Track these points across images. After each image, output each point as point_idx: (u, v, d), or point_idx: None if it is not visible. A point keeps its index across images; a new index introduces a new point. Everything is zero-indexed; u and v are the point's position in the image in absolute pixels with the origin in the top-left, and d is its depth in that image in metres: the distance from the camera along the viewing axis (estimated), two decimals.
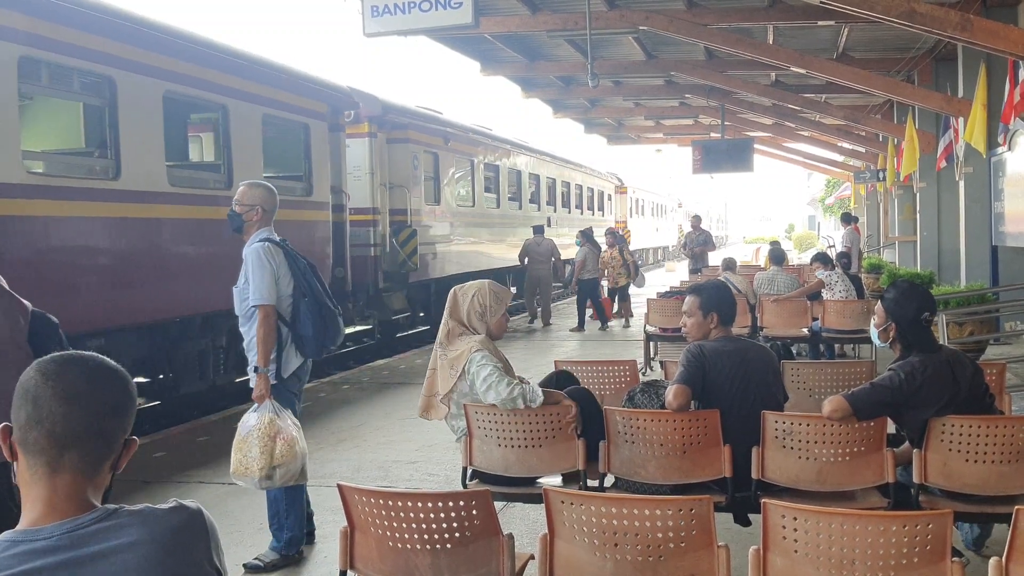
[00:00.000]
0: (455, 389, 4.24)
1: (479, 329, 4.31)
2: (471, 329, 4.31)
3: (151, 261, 7.70)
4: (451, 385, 4.24)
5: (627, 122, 23.96)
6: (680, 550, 2.81)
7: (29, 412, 1.47)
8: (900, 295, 3.99)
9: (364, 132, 12.33)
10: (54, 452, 1.47)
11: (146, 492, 5.86)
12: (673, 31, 11.23)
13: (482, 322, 4.31)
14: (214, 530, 1.61)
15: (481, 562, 2.95)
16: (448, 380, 4.25)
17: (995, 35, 7.99)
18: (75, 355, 1.55)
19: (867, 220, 26.68)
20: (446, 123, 15.20)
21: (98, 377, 1.53)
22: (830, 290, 10.03)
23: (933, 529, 2.62)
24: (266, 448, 4.29)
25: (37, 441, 1.47)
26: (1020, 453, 3.69)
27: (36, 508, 1.47)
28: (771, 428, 3.88)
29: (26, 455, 1.48)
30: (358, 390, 9.58)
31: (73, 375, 1.50)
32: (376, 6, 8.29)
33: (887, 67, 14.40)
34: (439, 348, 4.35)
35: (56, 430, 1.46)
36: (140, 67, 7.53)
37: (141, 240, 7.65)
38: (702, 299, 4.21)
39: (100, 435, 1.51)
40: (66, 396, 1.48)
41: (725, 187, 78.28)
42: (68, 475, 1.48)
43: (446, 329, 4.35)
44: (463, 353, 4.21)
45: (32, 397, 1.48)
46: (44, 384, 1.48)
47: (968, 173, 11.67)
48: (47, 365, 1.51)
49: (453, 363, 4.24)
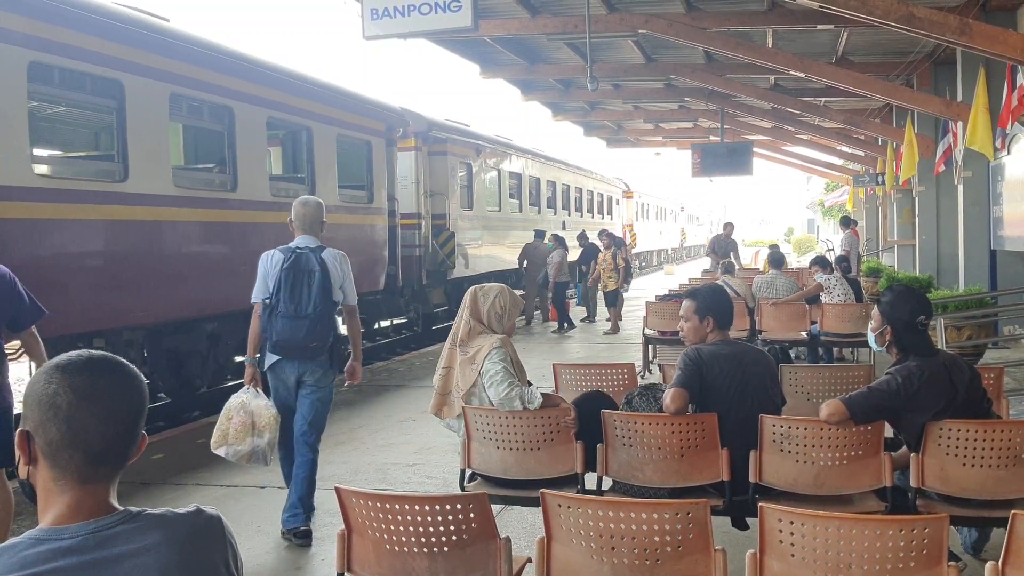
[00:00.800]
0: (477, 384, 4.28)
1: (497, 329, 4.39)
2: (489, 329, 4.38)
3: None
4: (472, 380, 4.28)
5: (626, 125, 23.98)
6: (677, 554, 2.81)
7: (63, 432, 1.45)
8: (895, 298, 4.01)
9: (411, 146, 13.96)
10: (89, 469, 1.48)
11: (145, 494, 5.86)
12: (672, 34, 11.25)
13: (500, 323, 4.40)
14: (232, 537, 1.63)
15: (478, 565, 2.95)
16: (469, 376, 4.29)
17: (994, 39, 8.00)
18: (101, 363, 1.52)
19: (866, 224, 26.71)
20: (478, 136, 16.84)
21: (128, 387, 1.52)
22: (829, 294, 10.03)
23: (930, 533, 2.62)
24: (221, 424, 4.87)
25: (72, 459, 1.47)
26: (1017, 457, 3.69)
27: (59, 508, 1.47)
28: (769, 432, 3.88)
29: (54, 468, 1.47)
30: (356, 392, 9.57)
31: (106, 390, 1.49)
32: (376, 9, 8.30)
33: (886, 71, 14.43)
34: (457, 347, 4.39)
35: (92, 448, 1.47)
36: (252, 99, 9.20)
37: (254, 239, 9.05)
38: (698, 303, 4.22)
39: (131, 443, 1.53)
40: (105, 415, 1.47)
41: (724, 190, 78.42)
42: (99, 484, 1.49)
43: (467, 328, 4.38)
44: (482, 349, 4.27)
45: (66, 416, 1.45)
46: (79, 403, 1.46)
47: (967, 177, 11.69)
48: (77, 379, 1.48)
49: (474, 359, 4.29)
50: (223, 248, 8.85)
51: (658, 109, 21.04)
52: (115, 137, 7.61)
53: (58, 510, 1.47)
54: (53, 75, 7.03)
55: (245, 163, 9.00)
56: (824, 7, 8.50)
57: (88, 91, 7.57)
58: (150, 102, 7.76)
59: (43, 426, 1.46)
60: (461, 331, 4.39)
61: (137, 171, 7.59)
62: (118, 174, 7.53)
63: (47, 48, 6.68)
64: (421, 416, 8.16)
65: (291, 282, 4.88)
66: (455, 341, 4.40)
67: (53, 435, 1.46)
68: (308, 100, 10.28)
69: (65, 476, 1.47)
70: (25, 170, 6.61)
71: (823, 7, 8.53)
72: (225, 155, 8.95)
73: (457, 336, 4.41)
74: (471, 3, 8.00)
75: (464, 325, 4.39)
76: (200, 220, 8.49)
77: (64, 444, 1.46)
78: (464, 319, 4.41)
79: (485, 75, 15.42)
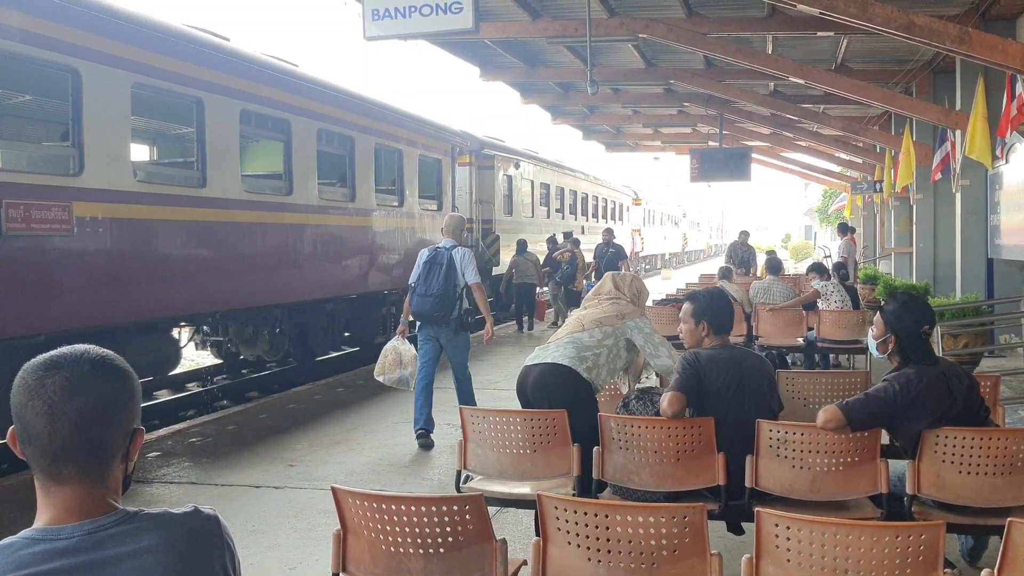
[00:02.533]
0: (617, 325, 4.69)
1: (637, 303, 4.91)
2: (631, 303, 4.87)
3: (366, 250, 11.78)
4: (611, 315, 4.73)
5: (625, 129, 24.00)
6: (673, 557, 2.80)
7: (20, 430, 1.46)
8: (900, 307, 3.99)
9: (467, 162, 16.46)
10: (51, 467, 1.45)
11: (138, 493, 5.85)
12: (673, 39, 11.26)
13: (637, 299, 4.95)
14: (230, 538, 1.61)
15: (474, 567, 2.94)
16: (609, 311, 4.77)
17: (993, 48, 8.01)
18: (57, 361, 1.47)
19: (864, 231, 26.73)
20: (517, 152, 19.65)
21: (80, 385, 1.45)
22: (826, 300, 10.04)
23: (925, 540, 2.62)
24: (380, 360, 7.39)
25: (33, 457, 1.46)
26: (1013, 465, 3.69)
27: (54, 508, 1.46)
28: (765, 437, 3.88)
29: (30, 464, 1.48)
30: (353, 393, 9.56)
31: (51, 388, 1.44)
32: (376, 10, 8.28)
33: (885, 79, 14.44)
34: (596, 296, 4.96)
35: (45, 447, 1.44)
36: (364, 129, 11.52)
37: (371, 238, 11.86)
38: (695, 307, 4.23)
39: (91, 444, 1.46)
40: (47, 414, 1.43)
41: (722, 196, 78.53)
42: (74, 485, 1.46)
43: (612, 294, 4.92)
44: (632, 312, 4.77)
45: (18, 415, 1.45)
46: (27, 402, 1.44)
47: (965, 186, 11.69)
48: (28, 377, 1.46)
49: (621, 312, 4.76)
50: (339, 246, 11.05)
51: (657, 114, 21.05)
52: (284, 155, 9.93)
53: (52, 510, 1.46)
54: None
55: (361, 179, 11.47)
56: (824, 14, 8.50)
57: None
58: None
59: (14, 424, 1.48)
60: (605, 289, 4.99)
61: (298, 188, 9.94)
62: (281, 188, 9.85)
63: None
64: None
65: (426, 270, 6.97)
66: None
67: (18, 432, 1.47)
68: (399, 128, 12.61)
69: (40, 474, 1.47)
70: (236, 186, 8.98)
71: (823, 14, 8.54)
72: (346, 171, 11.40)
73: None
74: (472, 5, 7.99)
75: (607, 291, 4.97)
76: (332, 224, 10.86)
77: (24, 440, 1.46)
78: (606, 289, 4.96)
79: (485, 77, 15.42)
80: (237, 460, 6.75)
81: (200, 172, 8.36)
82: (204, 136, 8.34)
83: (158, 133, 10.95)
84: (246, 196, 9.08)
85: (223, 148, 8.60)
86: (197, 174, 8.38)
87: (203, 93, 8.29)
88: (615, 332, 4.67)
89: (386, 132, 12.13)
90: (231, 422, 8.18)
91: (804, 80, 12.65)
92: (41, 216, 6.47)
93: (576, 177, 25.25)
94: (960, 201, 11.89)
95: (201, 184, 8.36)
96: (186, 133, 9.20)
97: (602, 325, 4.69)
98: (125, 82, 7.33)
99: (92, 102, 6.95)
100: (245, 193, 9.08)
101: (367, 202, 11.64)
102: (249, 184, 9.38)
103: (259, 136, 10.21)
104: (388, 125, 12.20)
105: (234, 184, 8.86)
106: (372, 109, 11.83)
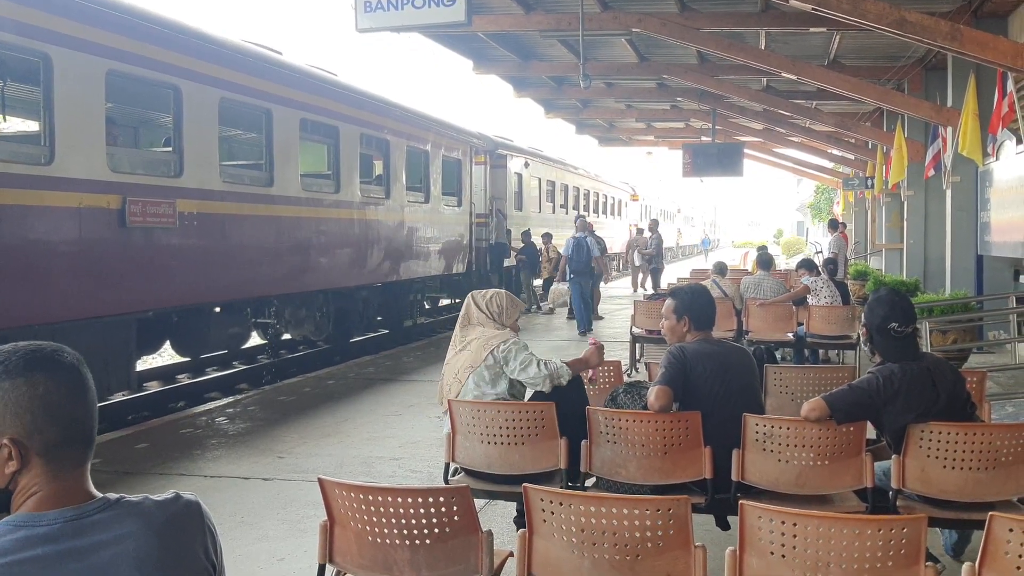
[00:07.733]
0: (487, 361, 4.54)
1: (504, 322, 4.74)
2: (492, 320, 4.72)
3: (397, 243, 13.05)
4: (482, 357, 4.54)
5: (618, 124, 24.00)
6: (657, 549, 2.82)
7: (29, 420, 1.45)
8: (872, 302, 4.06)
9: (482, 162, 17.52)
10: (86, 455, 1.51)
11: (127, 483, 5.84)
12: (666, 34, 11.26)
13: (502, 317, 4.76)
14: (211, 523, 1.62)
15: (460, 558, 2.95)
16: (480, 353, 4.59)
17: (984, 46, 8.03)
18: (57, 357, 1.51)
19: (855, 227, 26.80)
20: (526, 151, 20.87)
21: (85, 379, 1.54)
22: (815, 296, 10.08)
23: (908, 533, 2.64)
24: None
25: (72, 455, 1.49)
26: (997, 461, 3.72)
27: (38, 497, 1.46)
28: (752, 431, 3.89)
29: (48, 463, 1.47)
30: (343, 385, 9.56)
31: (75, 376, 1.51)
32: (369, 1, 8.28)
33: (878, 75, 14.47)
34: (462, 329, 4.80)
35: (66, 435, 1.48)
36: (397, 133, 12.82)
37: (402, 232, 13.18)
38: (676, 303, 4.25)
39: (93, 432, 1.56)
40: (78, 403, 1.50)
41: (714, 191, 78.67)
42: (83, 470, 1.51)
43: (469, 319, 4.79)
44: (493, 337, 4.57)
45: (31, 406, 1.45)
46: (67, 397, 1.48)
47: (955, 182, 11.74)
48: (44, 369, 1.48)
49: (487, 342, 4.59)
50: (375, 238, 12.28)
51: (650, 108, 21.06)
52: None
53: (36, 498, 1.46)
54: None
55: (394, 179, 12.77)
56: (817, 10, 8.52)
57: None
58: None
59: (39, 428, 1.50)
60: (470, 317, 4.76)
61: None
62: (331, 186, 11.13)
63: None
64: (407, 410, 8.16)
65: (576, 248, 13.91)
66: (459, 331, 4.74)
67: (27, 423, 1.49)
68: (426, 131, 14.05)
69: (61, 469, 1.49)
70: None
71: (816, 10, 8.55)
72: (385, 172, 12.77)
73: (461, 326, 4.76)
74: None
75: (472, 315, 4.77)
76: (369, 218, 12.06)
77: (34, 431, 1.48)
78: (473, 310, 4.82)
79: (478, 71, 15.40)
80: (226, 452, 6.75)
81: (268, 172, 9.70)
82: (272, 141, 9.68)
83: (235, 139, 11.77)
84: (303, 194, 10.41)
85: (286, 151, 9.90)
86: (266, 174, 9.69)
87: (271, 104, 9.63)
88: (494, 378, 4.53)
89: (416, 135, 13.53)
90: (220, 414, 8.18)
91: (797, 76, 12.68)
92: (154, 211, 7.74)
93: (578, 174, 26.44)
94: (951, 198, 11.94)
95: (269, 183, 9.69)
96: (256, 138, 10.34)
97: (477, 372, 4.53)
98: (215, 96, 8.68)
99: (190, 113, 8.27)
100: (303, 191, 10.39)
101: (399, 199, 12.98)
102: (305, 183, 10.55)
103: (313, 140, 11.21)
104: (417, 129, 13.61)
105: (294, 183, 10.19)
106: (404, 115, 13.22)
